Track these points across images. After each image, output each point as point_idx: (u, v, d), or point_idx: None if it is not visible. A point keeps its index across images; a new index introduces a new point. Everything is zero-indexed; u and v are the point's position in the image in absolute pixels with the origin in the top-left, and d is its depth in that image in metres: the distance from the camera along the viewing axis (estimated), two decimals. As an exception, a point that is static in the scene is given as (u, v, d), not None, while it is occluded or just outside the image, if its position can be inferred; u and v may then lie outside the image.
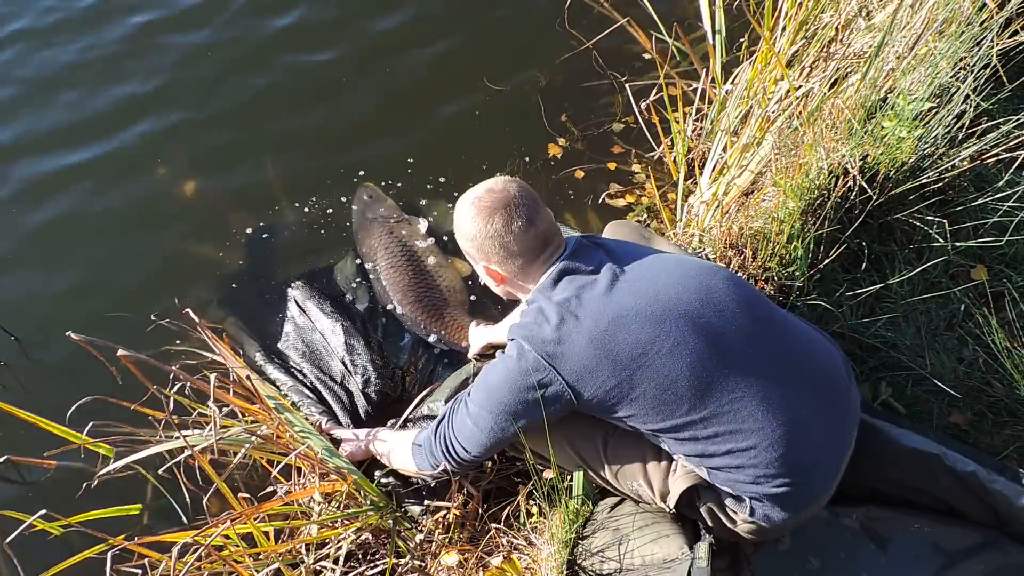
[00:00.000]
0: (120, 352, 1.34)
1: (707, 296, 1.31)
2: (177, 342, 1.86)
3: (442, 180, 2.47)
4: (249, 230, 2.37)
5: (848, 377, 1.42)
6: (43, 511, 1.54)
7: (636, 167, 2.47)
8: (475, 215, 1.36)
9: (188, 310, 1.54)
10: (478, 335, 1.97)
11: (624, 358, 1.26)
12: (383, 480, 1.73)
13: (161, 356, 1.71)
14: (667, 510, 1.44)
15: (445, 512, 1.67)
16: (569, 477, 1.52)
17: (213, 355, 1.74)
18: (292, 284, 2.20)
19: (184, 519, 1.71)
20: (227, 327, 2.16)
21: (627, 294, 1.30)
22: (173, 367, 1.46)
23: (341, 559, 1.63)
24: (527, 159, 2.50)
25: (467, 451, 1.42)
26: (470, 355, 1.97)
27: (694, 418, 1.28)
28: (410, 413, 1.79)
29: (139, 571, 1.54)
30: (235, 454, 1.75)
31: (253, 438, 1.53)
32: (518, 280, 1.42)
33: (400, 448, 1.60)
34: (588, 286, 1.32)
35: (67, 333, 1.38)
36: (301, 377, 2.01)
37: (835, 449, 1.37)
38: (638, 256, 1.39)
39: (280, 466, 1.52)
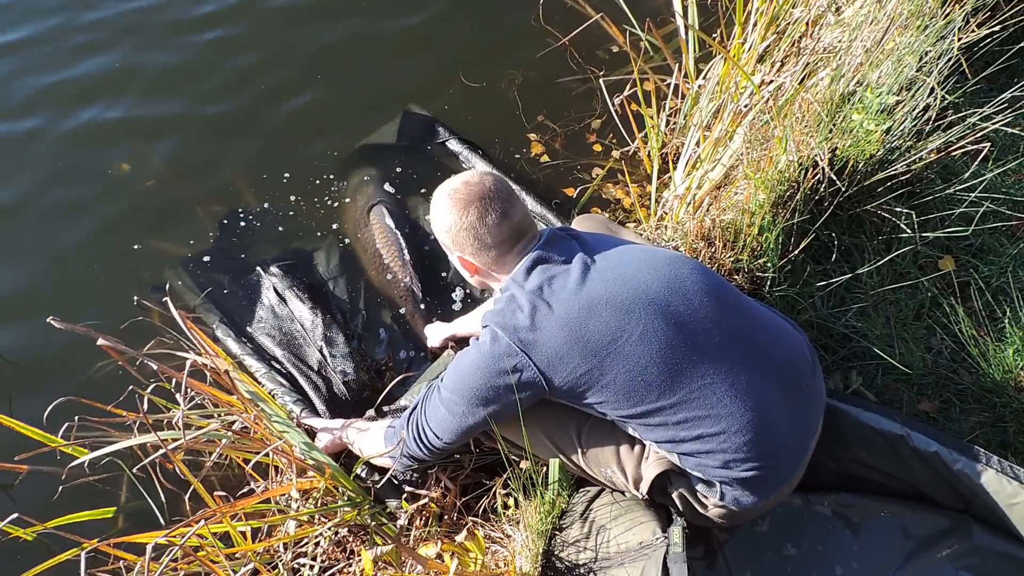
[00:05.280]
0: (100, 341, 1.33)
1: (675, 284, 1.33)
2: (159, 336, 1.83)
3: (416, 178, 2.47)
4: (218, 219, 2.35)
5: (813, 362, 1.45)
6: (15, 515, 1.53)
7: (614, 157, 2.48)
8: (450, 207, 1.39)
9: (167, 299, 1.52)
10: (436, 330, 1.99)
11: (594, 345, 1.28)
12: (362, 475, 1.73)
13: (136, 347, 1.69)
14: (640, 497, 1.45)
15: (423, 505, 1.67)
16: (545, 468, 1.53)
17: (188, 346, 1.72)
18: (270, 270, 2.18)
19: (161, 521, 1.70)
20: (199, 312, 2.13)
21: (598, 283, 1.32)
22: (147, 353, 1.44)
23: (319, 556, 1.63)
24: (504, 156, 2.51)
25: (439, 438, 1.43)
26: (429, 346, 2.00)
27: (664, 404, 1.30)
28: (383, 401, 1.80)
29: (114, 574, 1.53)
30: (210, 454, 1.74)
31: (228, 433, 1.51)
32: (492, 271, 1.44)
33: (373, 437, 1.60)
34: (560, 275, 1.34)
35: (48, 319, 1.35)
36: (276, 365, 2.00)
37: (801, 433, 1.40)
38: (609, 247, 1.41)
39: (253, 463, 1.51)
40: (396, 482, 1.70)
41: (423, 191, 2.42)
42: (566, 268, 1.35)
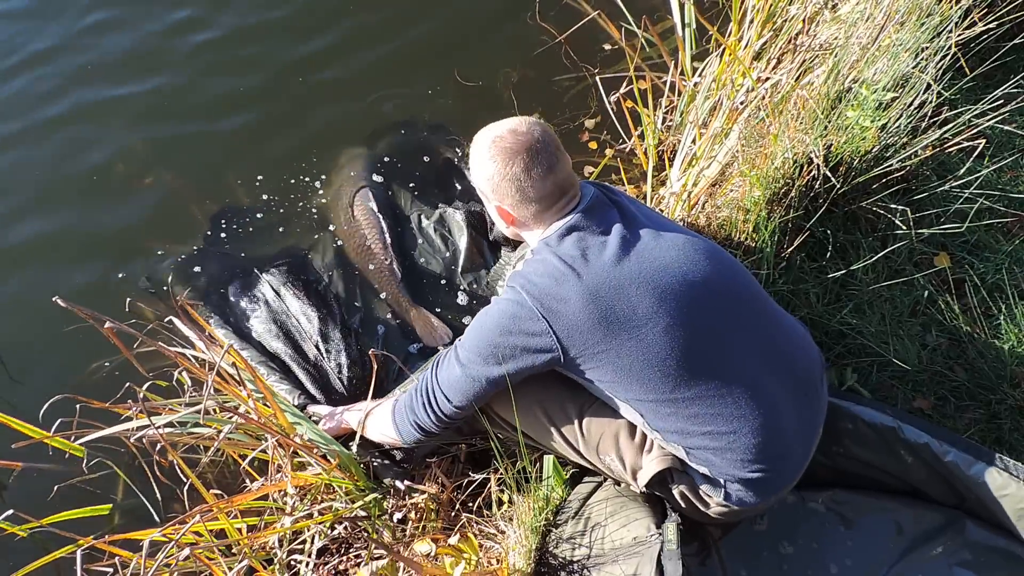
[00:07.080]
0: (107, 325, 1.32)
1: (713, 282, 1.31)
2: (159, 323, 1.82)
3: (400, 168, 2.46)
4: (213, 220, 2.35)
5: (822, 371, 1.46)
6: (10, 511, 1.53)
7: (608, 155, 2.48)
8: (495, 155, 1.34)
9: (182, 296, 1.51)
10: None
11: (617, 327, 1.26)
12: (358, 455, 1.72)
13: (130, 347, 1.69)
14: (636, 488, 1.44)
15: (421, 502, 1.67)
16: (538, 463, 1.53)
17: (182, 344, 1.72)
18: (267, 269, 2.17)
19: (156, 518, 1.71)
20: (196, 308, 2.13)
21: (634, 262, 1.29)
22: (151, 340, 1.44)
23: (314, 552, 1.63)
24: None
25: (449, 401, 1.40)
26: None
27: (678, 396, 1.29)
28: (379, 391, 1.79)
29: (110, 570, 1.53)
30: (207, 449, 1.74)
31: (235, 418, 1.50)
32: (529, 225, 1.40)
33: (378, 413, 1.57)
34: (595, 247, 1.31)
35: (53, 298, 1.33)
36: (272, 358, 2.00)
37: (807, 438, 1.41)
38: (651, 224, 1.37)
39: (250, 459, 1.51)
40: (396, 460, 1.69)
41: (411, 185, 2.42)
42: (603, 240, 1.31)
